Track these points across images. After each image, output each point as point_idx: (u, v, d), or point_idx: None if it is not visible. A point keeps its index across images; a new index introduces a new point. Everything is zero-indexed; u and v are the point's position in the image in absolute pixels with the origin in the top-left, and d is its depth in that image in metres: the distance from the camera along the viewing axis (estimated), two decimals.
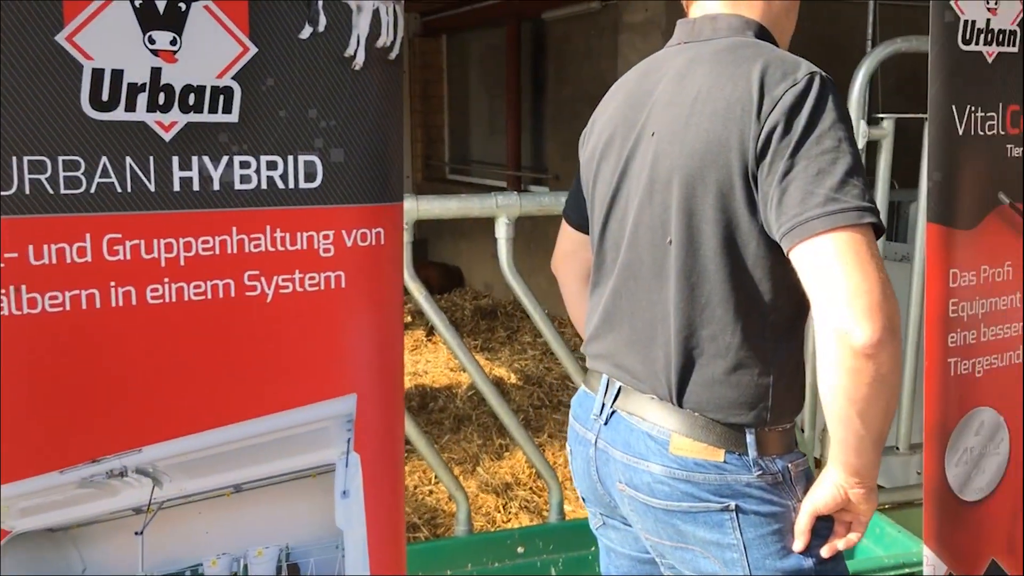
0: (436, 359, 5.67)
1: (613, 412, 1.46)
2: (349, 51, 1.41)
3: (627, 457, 1.41)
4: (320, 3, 1.36)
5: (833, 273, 1.17)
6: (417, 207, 2.35)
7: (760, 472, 1.34)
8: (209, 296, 1.30)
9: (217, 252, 1.31)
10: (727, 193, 1.28)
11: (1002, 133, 2.26)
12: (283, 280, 1.36)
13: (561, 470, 3.96)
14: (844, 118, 1.25)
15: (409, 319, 6.21)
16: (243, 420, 1.33)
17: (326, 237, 1.40)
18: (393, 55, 1.48)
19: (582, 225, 1.64)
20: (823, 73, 1.28)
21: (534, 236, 6.41)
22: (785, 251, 1.24)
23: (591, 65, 6.26)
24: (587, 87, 6.30)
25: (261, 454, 1.33)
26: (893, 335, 1.17)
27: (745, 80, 1.27)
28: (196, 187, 1.31)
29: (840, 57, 4.66)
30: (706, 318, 1.33)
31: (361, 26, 1.42)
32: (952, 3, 2.15)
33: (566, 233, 1.73)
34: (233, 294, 1.32)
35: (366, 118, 1.46)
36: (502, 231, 2.47)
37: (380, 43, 1.45)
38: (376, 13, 1.43)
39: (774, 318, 1.34)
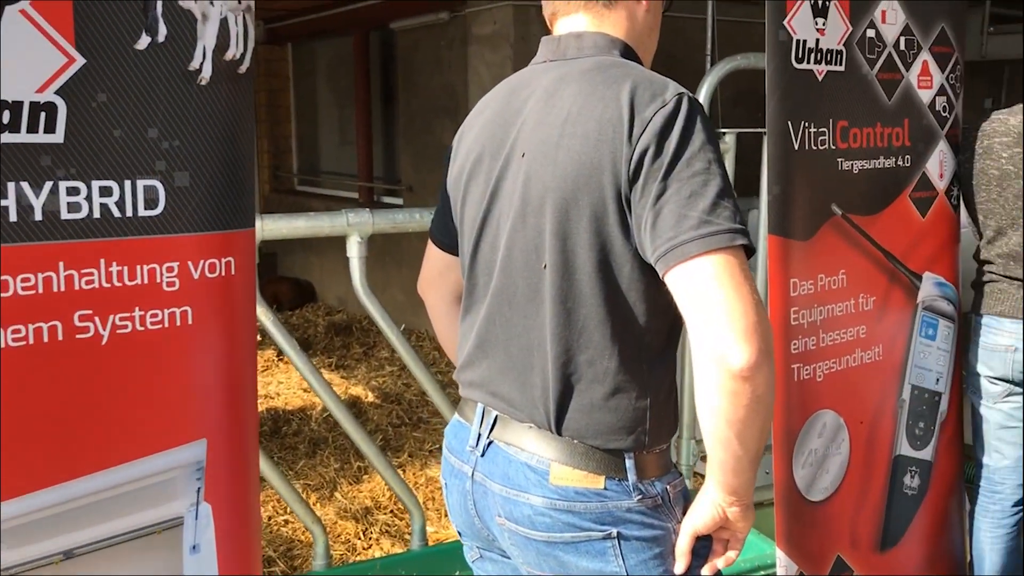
0: (289, 380, 5.46)
1: (490, 443, 1.42)
2: (194, 64, 1.32)
3: (506, 490, 1.37)
4: (159, 10, 1.25)
5: (709, 297, 1.18)
6: (262, 227, 2.21)
7: (640, 496, 1.33)
8: (31, 341, 1.17)
9: (41, 291, 1.18)
10: (601, 216, 1.28)
11: (833, 147, 2.39)
12: (120, 319, 1.24)
13: (423, 490, 3.90)
14: (712, 139, 1.27)
15: (259, 338, 5.96)
16: (76, 477, 1.20)
17: (170, 270, 1.30)
18: (243, 68, 1.39)
19: (450, 246, 1.59)
20: (690, 94, 1.30)
21: (388, 247, 6.32)
22: (660, 274, 1.24)
23: (441, 76, 6.24)
24: (438, 98, 6.27)
25: (98, 513, 1.21)
26: (768, 356, 1.19)
27: (615, 101, 1.27)
28: (13, 217, 1.17)
29: (681, 70, 4.83)
30: (583, 343, 1.32)
31: (207, 36, 1.32)
32: (785, 23, 2.26)
33: (433, 254, 1.67)
34: (61, 337, 1.19)
35: (214, 138, 1.36)
36: (354, 250, 2.38)
37: (229, 55, 1.35)
38: (224, 23, 1.34)
39: (649, 340, 1.34)
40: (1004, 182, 2.48)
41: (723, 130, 2.85)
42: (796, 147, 2.31)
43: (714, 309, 1.18)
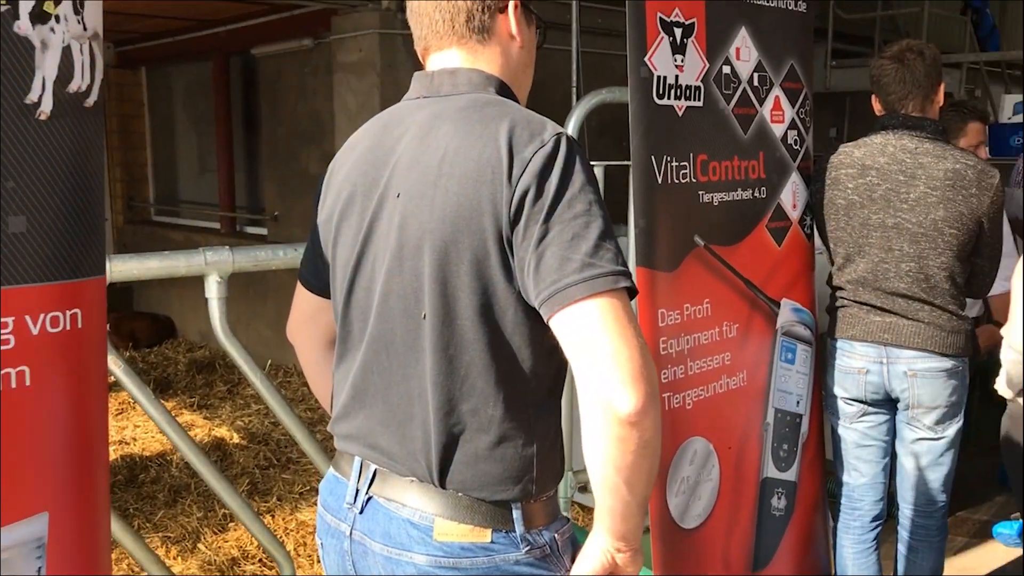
0: (147, 423, 5.13)
1: (369, 499, 1.35)
2: (32, 96, 1.20)
3: (388, 549, 1.31)
4: None
5: (595, 341, 1.16)
6: (111, 269, 2.03)
7: (528, 547, 1.30)
8: None
9: None
10: (482, 259, 1.24)
11: (694, 180, 2.46)
12: None
13: (294, 535, 3.74)
14: (592, 180, 1.25)
15: (111, 379, 5.61)
16: None
17: (4, 326, 1.17)
18: (91, 101, 1.28)
19: (321, 289, 1.52)
20: (568, 134, 1.28)
21: (251, 280, 6.09)
22: (545, 318, 1.22)
23: (306, 103, 6.10)
24: (303, 125, 6.13)
25: None
26: (655, 400, 1.18)
27: (493, 141, 1.24)
28: None
29: (547, 100, 4.91)
30: (466, 391, 1.27)
31: (47, 67, 1.21)
32: (646, 60, 2.32)
33: (303, 297, 1.58)
34: None
35: (57, 178, 1.24)
36: (213, 290, 2.24)
37: (73, 87, 1.24)
38: (67, 51, 1.23)
39: (535, 385, 1.31)
40: (851, 211, 2.61)
41: (592, 163, 2.89)
42: (660, 181, 2.36)
43: (599, 354, 1.16)
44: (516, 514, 1.30)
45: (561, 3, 5.06)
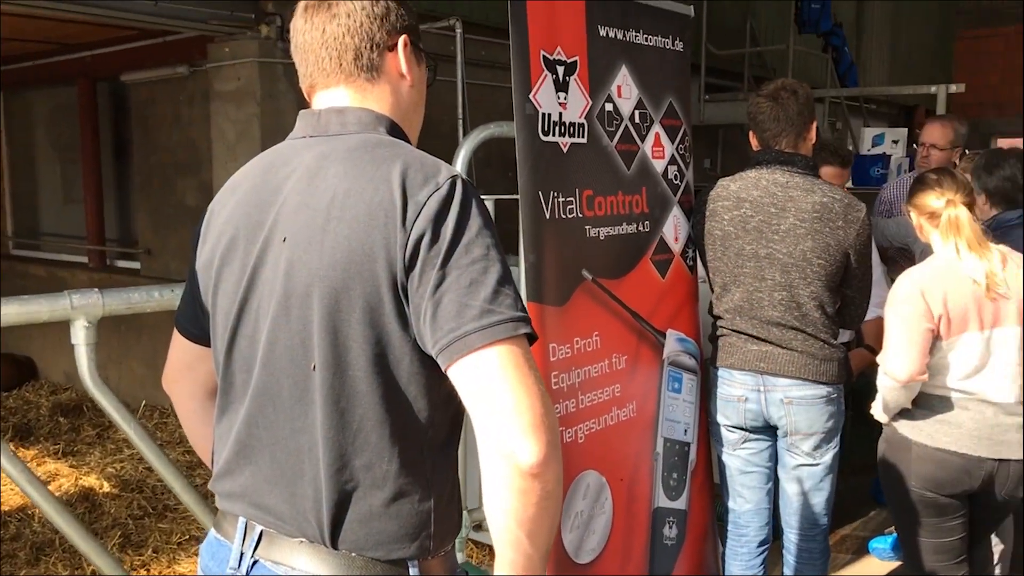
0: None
1: (255, 562, 1.27)
2: None
3: None
4: None
5: (496, 391, 1.13)
6: None
7: None
8: None
9: None
10: (376, 307, 1.18)
11: (580, 215, 2.49)
12: None
13: None
14: (489, 223, 1.22)
15: None
16: None
17: None
18: None
19: (200, 337, 1.43)
20: (463, 176, 1.25)
21: (123, 316, 5.79)
22: (443, 367, 1.17)
23: (182, 132, 5.87)
24: (178, 155, 5.90)
25: None
26: (557, 450, 1.15)
27: (386, 183, 1.19)
28: None
29: (434, 133, 4.90)
30: (360, 446, 1.21)
31: None
32: (531, 97, 2.33)
33: (180, 345, 1.49)
34: None
35: None
36: (80, 336, 2.07)
37: None
38: None
39: (432, 435, 1.26)
40: (726, 242, 2.68)
41: (482, 195, 2.88)
42: (547, 216, 2.37)
43: (500, 404, 1.12)
44: (413, 572, 1.24)
45: (445, 35, 5.07)
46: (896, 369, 2.38)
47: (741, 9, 8.15)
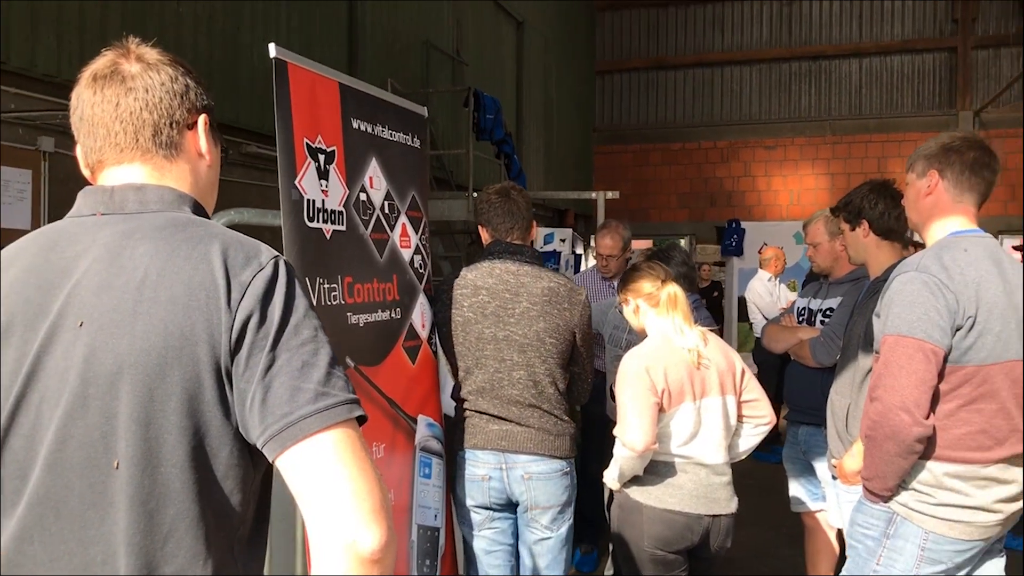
0: None
1: None
2: None
3: None
4: None
5: (335, 477, 1.08)
6: None
7: None
8: None
9: None
10: (196, 394, 1.10)
11: (343, 302, 2.48)
12: None
13: None
14: (312, 304, 1.20)
15: None
16: None
17: None
18: None
19: None
20: (283, 256, 1.22)
21: None
22: (272, 455, 1.10)
23: None
24: None
25: None
26: (393, 533, 1.12)
27: (205, 262, 1.13)
28: None
29: None
30: (170, 551, 1.10)
31: None
32: (297, 183, 2.31)
33: None
34: None
35: None
36: None
37: None
38: None
39: (242, 532, 1.18)
40: (467, 327, 2.82)
41: None
42: (314, 302, 2.33)
43: (340, 491, 1.08)
44: None
45: None
46: (633, 441, 2.64)
47: None
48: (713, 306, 11.32)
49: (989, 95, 12.90)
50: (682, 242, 13.77)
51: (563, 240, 7.96)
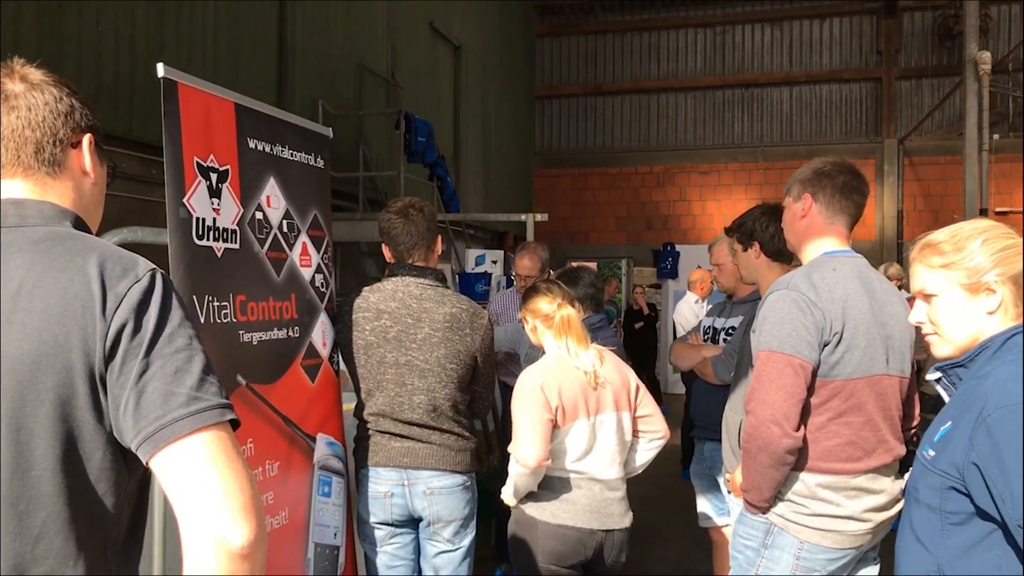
0: None
1: None
2: None
3: None
4: None
5: (205, 477, 1.13)
6: None
7: None
8: None
9: None
10: (68, 400, 1.15)
11: (235, 320, 2.49)
12: None
13: None
14: (189, 316, 1.25)
15: None
16: None
17: None
18: None
19: None
20: (161, 270, 1.27)
21: None
22: (145, 457, 1.15)
23: None
24: None
25: None
26: (265, 532, 1.17)
27: (82, 274, 1.18)
28: None
29: None
30: (40, 553, 1.14)
31: None
32: (185, 201, 2.33)
33: None
34: None
35: None
36: None
37: None
38: None
39: (116, 534, 1.22)
40: (369, 350, 2.85)
41: None
42: (202, 320, 2.34)
43: (210, 489, 1.13)
44: None
45: None
46: (526, 456, 2.68)
47: (354, 136, 8.67)
48: (649, 328, 11.50)
49: (912, 123, 13.37)
50: (592, 265, 13.96)
51: (495, 262, 8.03)
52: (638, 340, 11.19)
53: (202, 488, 1.14)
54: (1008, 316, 1.71)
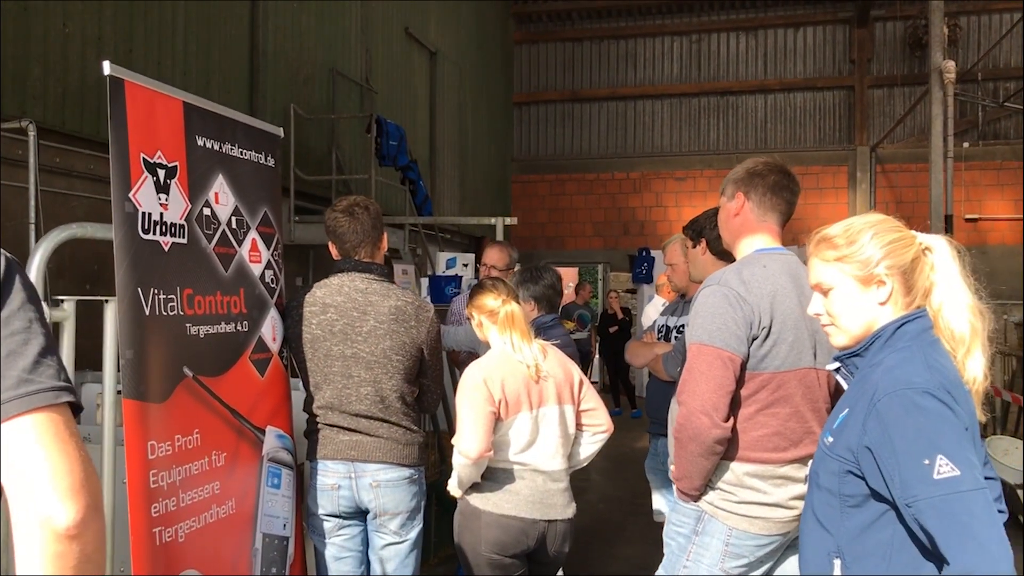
0: None
1: None
2: None
3: None
4: None
5: (32, 457, 1.13)
6: None
7: None
8: None
9: None
10: None
11: (182, 313, 2.54)
12: None
13: None
14: (34, 298, 1.24)
15: None
16: None
17: None
18: None
19: None
20: (8, 254, 1.27)
21: None
22: None
23: None
24: None
25: None
26: (98, 513, 1.17)
27: None
28: None
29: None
30: None
31: None
32: (131, 196, 2.38)
33: None
34: None
35: None
36: None
37: None
38: None
39: None
40: (315, 344, 2.91)
41: (62, 297, 2.77)
42: (147, 312, 2.39)
43: (36, 469, 1.13)
44: None
45: (16, 139, 4.75)
46: (468, 448, 2.75)
47: (327, 139, 8.72)
48: (624, 332, 11.59)
49: (884, 131, 13.55)
50: (572, 270, 13.99)
51: (466, 265, 8.08)
52: (613, 344, 11.27)
53: (29, 469, 1.14)
54: (898, 306, 1.79)
